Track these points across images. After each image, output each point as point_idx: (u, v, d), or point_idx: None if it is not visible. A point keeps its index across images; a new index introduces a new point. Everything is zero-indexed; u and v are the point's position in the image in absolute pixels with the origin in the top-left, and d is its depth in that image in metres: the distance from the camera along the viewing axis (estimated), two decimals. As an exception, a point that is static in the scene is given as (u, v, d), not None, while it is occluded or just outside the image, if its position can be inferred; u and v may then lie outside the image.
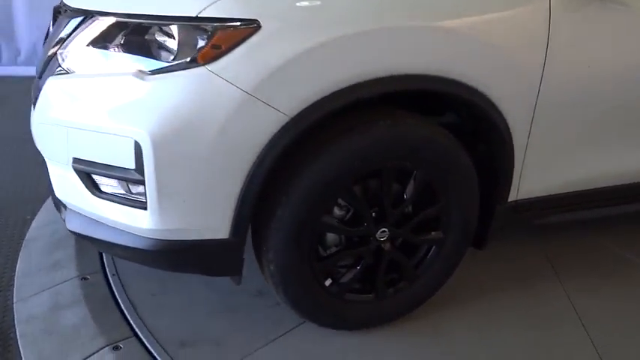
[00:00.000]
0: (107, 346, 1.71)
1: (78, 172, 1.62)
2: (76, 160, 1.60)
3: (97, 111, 1.51)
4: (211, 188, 1.49)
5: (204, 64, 1.40)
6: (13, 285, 2.05)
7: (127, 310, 1.90)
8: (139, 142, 1.43)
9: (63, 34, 1.67)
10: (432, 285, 1.94)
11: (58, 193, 1.74)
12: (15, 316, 1.89)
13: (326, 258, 1.74)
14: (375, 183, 1.70)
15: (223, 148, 1.44)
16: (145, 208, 1.51)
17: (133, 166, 1.47)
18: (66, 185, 1.69)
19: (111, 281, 2.07)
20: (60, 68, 1.63)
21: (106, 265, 2.14)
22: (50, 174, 1.75)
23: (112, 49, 1.54)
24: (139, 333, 1.80)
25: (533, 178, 1.93)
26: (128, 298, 1.98)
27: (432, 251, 1.88)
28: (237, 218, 1.54)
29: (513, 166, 1.85)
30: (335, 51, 1.44)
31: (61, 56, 1.64)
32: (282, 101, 1.44)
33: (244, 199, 1.51)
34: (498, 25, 1.63)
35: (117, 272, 2.12)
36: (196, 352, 1.76)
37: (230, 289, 2.00)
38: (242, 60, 1.40)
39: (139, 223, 1.55)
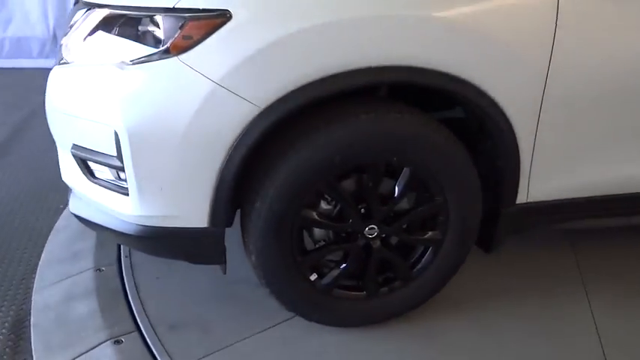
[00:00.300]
0: (109, 339, 1.74)
1: (75, 157, 1.70)
2: (74, 146, 1.69)
3: (86, 100, 1.57)
4: (187, 177, 1.51)
5: (176, 55, 1.42)
6: (36, 273, 2.16)
7: (133, 303, 1.93)
8: (116, 130, 1.48)
9: (69, 25, 1.76)
10: (430, 287, 1.85)
11: (64, 177, 1.84)
12: (32, 305, 1.97)
13: (310, 252, 1.71)
14: (364, 178, 1.65)
15: (195, 138, 1.46)
16: (128, 194, 1.57)
17: (114, 153, 1.53)
18: (69, 169, 1.79)
19: (123, 265, 2.15)
20: (62, 58, 1.72)
21: (122, 253, 2.21)
22: (59, 158, 1.86)
23: (104, 41, 1.60)
24: (141, 328, 1.82)
25: (545, 180, 1.79)
26: (134, 282, 2.05)
27: (428, 252, 1.80)
28: (215, 208, 1.55)
29: (519, 167, 1.73)
30: (307, 41, 1.41)
31: (65, 47, 1.72)
32: (252, 92, 1.43)
33: (219, 189, 1.52)
34: (496, 13, 1.52)
35: (130, 255, 2.21)
36: (182, 336, 1.80)
37: (233, 277, 2.01)
38: (212, 50, 1.40)
39: (124, 209, 1.61)
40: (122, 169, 1.54)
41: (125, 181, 1.56)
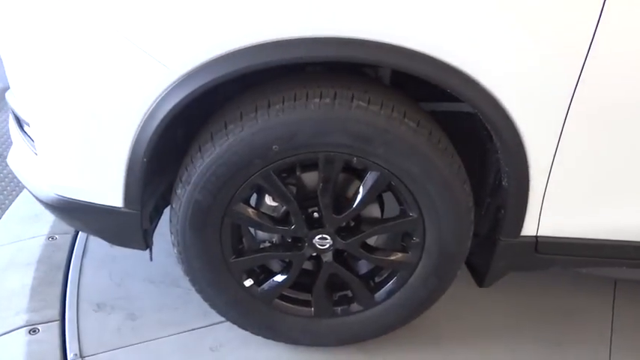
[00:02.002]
0: (25, 327, 1.56)
1: (7, 101, 1.51)
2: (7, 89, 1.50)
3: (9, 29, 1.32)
4: (95, 147, 1.27)
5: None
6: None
7: (70, 278, 1.74)
8: (23, 73, 1.25)
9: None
10: (396, 316, 1.52)
11: (10, 126, 1.66)
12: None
13: (245, 254, 1.43)
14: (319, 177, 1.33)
15: (102, 101, 1.20)
16: (37, 154, 1.35)
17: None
18: (12, 116, 1.61)
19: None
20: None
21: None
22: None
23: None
24: (66, 307, 1.64)
25: (562, 211, 1.37)
26: (84, 249, 1.87)
27: (397, 276, 1.46)
28: (127, 187, 1.30)
29: (527, 191, 1.33)
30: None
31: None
32: (168, 53, 1.13)
33: (131, 165, 1.26)
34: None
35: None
36: (104, 320, 1.60)
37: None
38: (121, -5, 1.11)
39: (35, 172, 1.40)
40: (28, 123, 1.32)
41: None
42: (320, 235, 1.37)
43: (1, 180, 2.41)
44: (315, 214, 1.38)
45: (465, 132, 1.43)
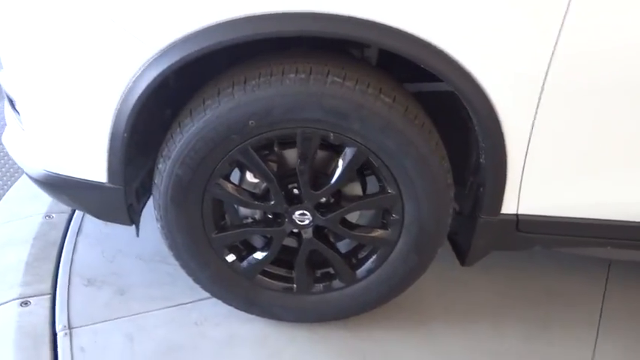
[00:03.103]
0: (17, 299, 1.60)
1: (-1, 81, 1.55)
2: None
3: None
4: (77, 121, 1.30)
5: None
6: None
7: (63, 255, 1.79)
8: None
9: None
10: (377, 293, 1.53)
11: (4, 107, 1.71)
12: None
13: (226, 230, 1.45)
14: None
15: (82, 77, 1.23)
16: (24, 129, 1.40)
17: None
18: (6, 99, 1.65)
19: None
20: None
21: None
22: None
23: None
24: (58, 280, 1.69)
25: (542, 189, 1.38)
26: (80, 227, 1.91)
27: (377, 254, 1.48)
28: (110, 162, 1.33)
29: (504, 169, 1.33)
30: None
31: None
32: (145, 30, 1.16)
33: (113, 140, 1.30)
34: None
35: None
36: (94, 294, 1.65)
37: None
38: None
39: (23, 146, 1.45)
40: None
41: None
42: (299, 211, 1.39)
43: (5, 163, 2.47)
44: (295, 191, 1.40)
45: (448, 111, 1.44)
